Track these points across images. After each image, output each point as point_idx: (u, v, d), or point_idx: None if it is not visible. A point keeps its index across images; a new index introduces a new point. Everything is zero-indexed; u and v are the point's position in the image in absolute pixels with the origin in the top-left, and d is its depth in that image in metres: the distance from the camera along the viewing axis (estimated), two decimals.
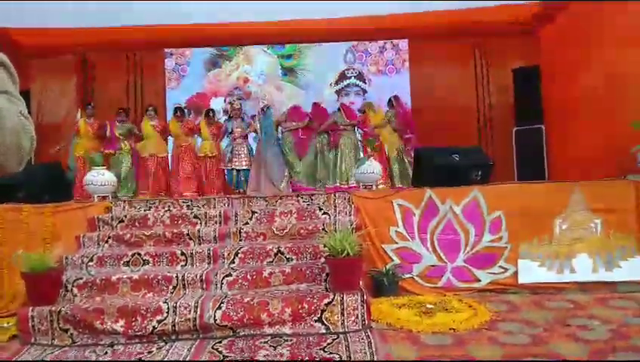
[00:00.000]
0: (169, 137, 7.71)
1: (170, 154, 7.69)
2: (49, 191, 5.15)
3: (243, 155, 7.32)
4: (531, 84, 8.20)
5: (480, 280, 4.39)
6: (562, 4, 7.28)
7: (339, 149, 7.29)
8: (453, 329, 3.38)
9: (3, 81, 0.97)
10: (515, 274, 4.37)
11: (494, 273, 4.40)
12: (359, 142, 7.52)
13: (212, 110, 7.95)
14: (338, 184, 7.09)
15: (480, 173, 4.97)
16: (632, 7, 5.71)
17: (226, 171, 7.46)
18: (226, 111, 8.78)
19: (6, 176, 0.99)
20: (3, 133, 0.88)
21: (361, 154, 7.20)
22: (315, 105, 7.75)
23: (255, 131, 7.38)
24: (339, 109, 7.60)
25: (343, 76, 9.28)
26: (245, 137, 7.50)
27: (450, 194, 4.51)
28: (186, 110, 8.41)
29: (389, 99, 7.68)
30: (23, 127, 0.95)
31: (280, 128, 7.53)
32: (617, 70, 5.93)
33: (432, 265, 4.44)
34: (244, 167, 7.24)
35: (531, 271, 4.37)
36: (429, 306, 3.82)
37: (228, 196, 5.34)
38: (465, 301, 4.00)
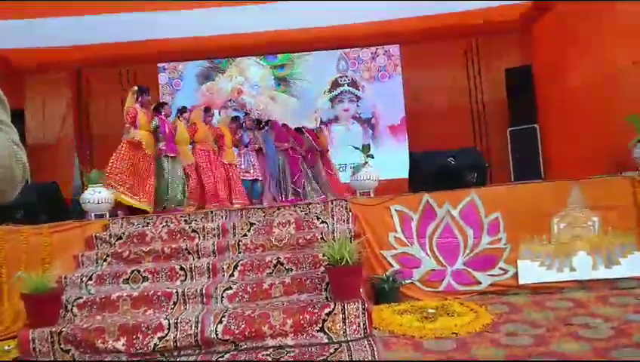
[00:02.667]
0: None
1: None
2: (46, 211, 5.15)
3: (257, 166, 7.40)
4: (524, 84, 8.24)
5: (480, 283, 4.38)
6: (552, 3, 7.32)
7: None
8: (456, 333, 3.37)
9: None
10: (516, 275, 4.36)
11: (495, 275, 4.39)
12: None
13: (237, 117, 7.84)
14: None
15: (476, 175, 4.98)
16: (622, 4, 5.75)
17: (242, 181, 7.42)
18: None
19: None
20: None
21: None
22: (285, 126, 7.88)
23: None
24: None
25: (336, 84, 9.31)
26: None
27: (447, 198, 4.51)
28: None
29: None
30: (14, 155, 0.95)
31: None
32: (610, 67, 5.98)
33: (432, 270, 4.44)
34: (260, 178, 7.35)
35: (531, 272, 4.37)
36: (430, 311, 3.81)
37: (225, 208, 5.33)
38: (466, 304, 4.00)
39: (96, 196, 5.07)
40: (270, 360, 3.19)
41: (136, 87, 6.20)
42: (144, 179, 5.77)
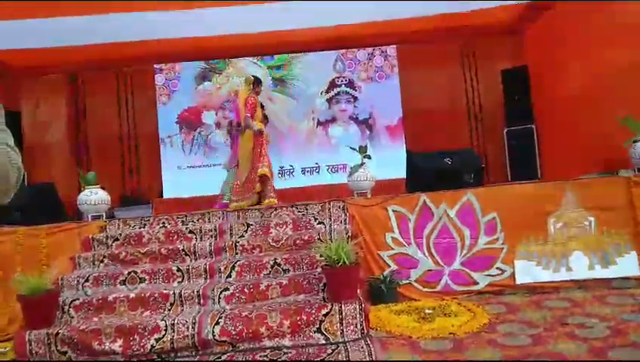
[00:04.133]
0: None
1: None
2: (43, 212, 5.14)
3: None
4: (520, 85, 8.26)
5: (478, 283, 4.39)
6: (548, 3, 7.34)
7: None
8: (453, 333, 3.38)
9: None
10: (513, 275, 4.38)
11: (492, 275, 4.40)
12: None
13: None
14: None
15: (473, 175, 4.99)
16: (615, 5, 5.78)
17: None
18: (217, 125, 8.80)
19: None
20: None
21: None
22: None
23: None
24: None
25: (333, 84, 9.30)
26: None
27: (443, 198, 4.52)
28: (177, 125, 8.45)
29: None
30: (8, 159, 0.95)
31: None
32: (605, 67, 6.00)
33: (430, 270, 4.44)
34: None
35: (528, 271, 4.38)
36: (427, 311, 3.82)
37: (222, 210, 5.33)
38: (463, 304, 4.00)
39: (93, 197, 5.06)
40: (267, 360, 3.19)
41: (252, 77, 6.31)
42: None
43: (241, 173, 5.97)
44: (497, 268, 4.40)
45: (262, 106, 6.63)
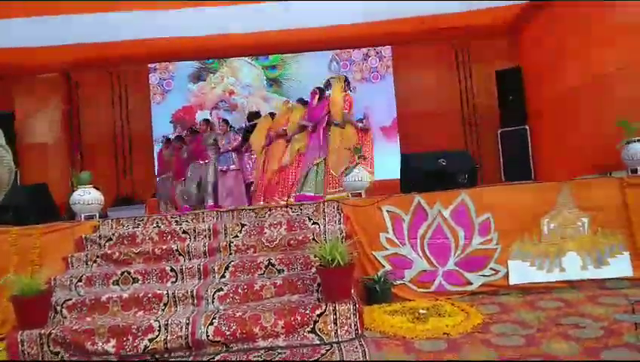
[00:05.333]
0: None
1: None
2: (35, 212, 5.10)
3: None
4: (515, 86, 8.30)
5: (472, 283, 4.40)
6: (542, 4, 7.37)
7: None
8: (447, 334, 3.38)
9: None
10: (506, 275, 4.38)
11: (486, 275, 4.41)
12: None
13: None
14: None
15: (467, 176, 5.00)
16: (610, 6, 5.81)
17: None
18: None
19: None
20: None
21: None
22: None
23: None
24: None
25: (327, 84, 9.30)
26: None
27: (438, 199, 4.52)
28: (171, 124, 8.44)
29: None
30: (0, 158, 0.94)
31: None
32: (599, 69, 6.03)
33: (424, 270, 4.44)
34: None
35: (522, 272, 4.39)
36: (421, 312, 3.82)
37: (216, 210, 5.31)
38: (457, 305, 4.01)
39: (86, 197, 5.03)
40: (261, 361, 3.18)
41: (344, 76, 6.59)
42: None
43: (334, 166, 6.23)
44: (491, 268, 4.41)
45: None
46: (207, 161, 7.55)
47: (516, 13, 8.12)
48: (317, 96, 6.80)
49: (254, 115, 7.77)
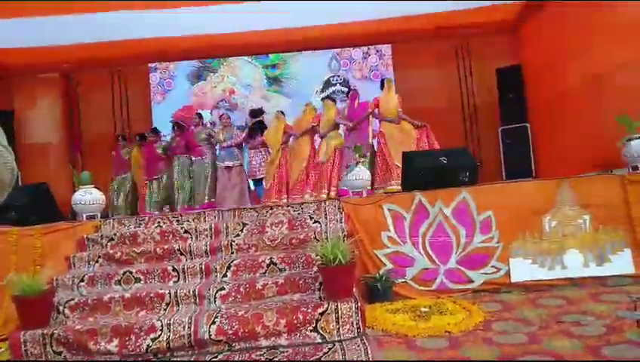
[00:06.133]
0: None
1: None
2: (37, 212, 5.11)
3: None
4: (515, 84, 8.30)
5: (473, 281, 4.40)
6: (542, 2, 7.37)
7: None
8: (449, 331, 3.38)
9: None
10: (508, 273, 4.38)
11: (487, 273, 4.41)
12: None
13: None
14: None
15: (467, 174, 5.00)
16: (610, 4, 5.80)
17: (252, 182, 7.69)
18: (213, 124, 8.78)
19: None
20: None
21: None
22: None
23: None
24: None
25: (328, 83, 9.32)
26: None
27: (439, 197, 4.53)
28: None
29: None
30: (2, 158, 0.94)
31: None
32: (599, 66, 6.03)
33: (425, 268, 4.45)
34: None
35: (523, 269, 4.39)
36: (423, 310, 3.82)
37: (218, 209, 5.32)
38: (459, 303, 4.01)
39: (88, 197, 5.04)
40: (264, 360, 3.18)
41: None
42: None
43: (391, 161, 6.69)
44: (493, 266, 4.41)
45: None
46: (203, 157, 7.50)
47: (516, 11, 8.13)
48: (357, 99, 7.26)
49: (257, 112, 7.77)
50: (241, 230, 4.60)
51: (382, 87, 7.28)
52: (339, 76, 9.35)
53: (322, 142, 7.17)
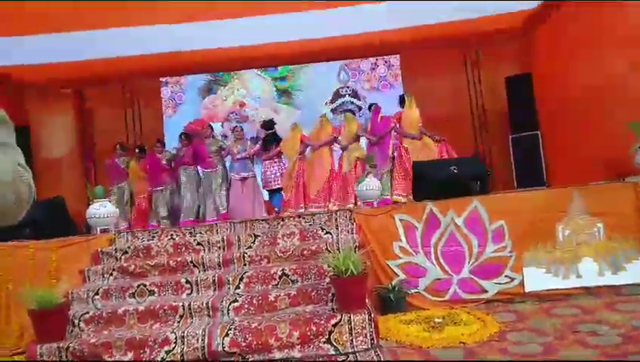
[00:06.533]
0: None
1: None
2: (52, 226, 5.17)
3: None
4: (525, 92, 8.27)
5: (487, 291, 4.38)
6: (553, 6, 7.36)
7: None
8: (463, 342, 3.36)
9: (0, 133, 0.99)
10: (522, 282, 4.35)
11: (501, 283, 4.38)
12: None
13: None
14: None
15: (478, 183, 4.99)
16: (621, 10, 5.79)
17: (267, 193, 7.75)
18: (224, 136, 8.84)
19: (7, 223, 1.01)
20: (2, 187, 0.90)
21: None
22: None
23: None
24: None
25: (337, 95, 9.37)
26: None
27: (450, 207, 4.52)
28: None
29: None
30: (19, 177, 0.96)
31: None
32: (610, 74, 6.01)
33: (438, 279, 4.43)
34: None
35: (537, 279, 4.36)
36: (437, 321, 3.81)
37: (230, 221, 5.35)
38: (473, 313, 3.99)
39: (102, 211, 5.09)
40: None
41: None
42: None
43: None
44: (506, 275, 4.39)
45: None
46: (214, 169, 7.53)
47: (525, 20, 8.13)
48: (380, 113, 7.41)
49: (270, 123, 7.82)
50: (253, 242, 4.62)
51: (400, 102, 7.46)
52: (348, 87, 9.39)
53: (344, 153, 7.32)
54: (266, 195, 7.74)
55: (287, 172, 7.40)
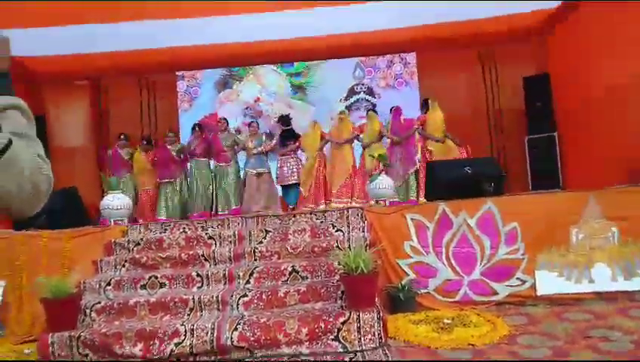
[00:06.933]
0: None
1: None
2: (66, 216, 5.23)
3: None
4: (542, 92, 8.17)
5: (498, 293, 4.34)
6: (572, 5, 7.26)
7: None
8: (473, 344, 3.34)
9: (20, 125, 1.00)
10: (534, 285, 4.31)
11: (512, 285, 4.34)
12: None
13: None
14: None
15: (493, 184, 4.94)
16: None
17: (281, 188, 7.77)
18: (237, 130, 8.84)
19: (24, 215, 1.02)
20: (21, 178, 0.91)
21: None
22: None
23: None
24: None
25: (352, 91, 9.34)
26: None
27: (463, 207, 4.48)
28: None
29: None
30: (39, 169, 0.97)
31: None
32: (630, 75, 5.91)
33: (449, 279, 4.40)
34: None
35: (550, 282, 4.31)
36: (446, 321, 3.79)
37: (242, 216, 5.37)
38: (483, 315, 3.96)
39: (116, 202, 5.14)
40: None
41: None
42: None
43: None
44: (518, 278, 4.34)
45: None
46: (228, 163, 7.53)
47: (543, 19, 8.02)
48: (402, 114, 7.50)
49: (287, 119, 7.82)
50: (264, 237, 4.63)
51: (423, 106, 7.62)
52: (363, 84, 9.35)
53: (365, 152, 7.36)
54: (279, 191, 7.74)
55: (305, 168, 7.42)
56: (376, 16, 7.35)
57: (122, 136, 7.98)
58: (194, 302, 3.81)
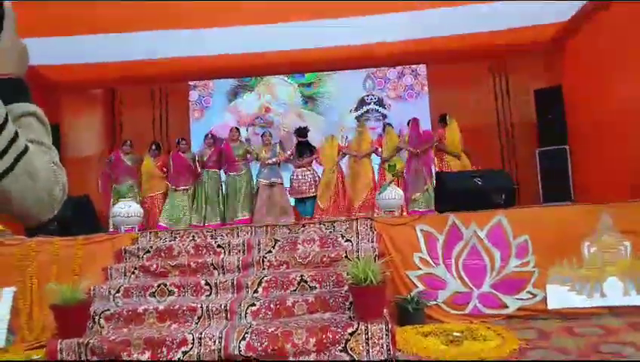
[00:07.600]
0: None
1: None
2: (77, 223, 5.28)
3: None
4: (554, 105, 8.13)
5: (508, 307, 4.30)
6: (585, 18, 7.24)
7: None
8: (482, 358, 3.31)
9: (36, 132, 1.02)
10: (544, 299, 4.26)
11: (522, 299, 4.30)
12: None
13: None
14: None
15: (503, 196, 4.91)
16: None
17: (294, 200, 7.72)
18: (248, 140, 8.88)
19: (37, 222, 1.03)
20: (36, 185, 0.92)
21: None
22: None
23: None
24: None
25: (362, 102, 9.36)
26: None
27: (473, 219, 4.46)
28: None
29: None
30: (54, 176, 0.99)
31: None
32: None
33: (458, 292, 4.37)
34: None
35: (561, 296, 4.26)
36: (456, 334, 3.75)
37: (251, 225, 5.38)
38: (493, 328, 3.92)
39: (126, 210, 5.18)
40: None
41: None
42: None
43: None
44: (528, 291, 4.30)
45: None
46: (239, 173, 7.50)
47: (555, 32, 7.99)
48: (419, 126, 7.54)
49: (304, 131, 7.78)
50: (273, 246, 4.63)
51: (441, 121, 7.65)
52: (373, 95, 9.38)
53: (383, 165, 7.45)
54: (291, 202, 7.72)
55: (323, 181, 7.38)
56: (387, 28, 7.38)
57: (128, 143, 7.89)
58: (202, 310, 3.82)
